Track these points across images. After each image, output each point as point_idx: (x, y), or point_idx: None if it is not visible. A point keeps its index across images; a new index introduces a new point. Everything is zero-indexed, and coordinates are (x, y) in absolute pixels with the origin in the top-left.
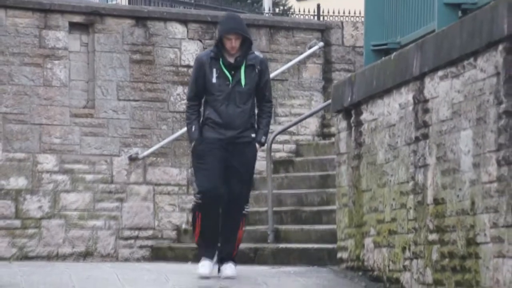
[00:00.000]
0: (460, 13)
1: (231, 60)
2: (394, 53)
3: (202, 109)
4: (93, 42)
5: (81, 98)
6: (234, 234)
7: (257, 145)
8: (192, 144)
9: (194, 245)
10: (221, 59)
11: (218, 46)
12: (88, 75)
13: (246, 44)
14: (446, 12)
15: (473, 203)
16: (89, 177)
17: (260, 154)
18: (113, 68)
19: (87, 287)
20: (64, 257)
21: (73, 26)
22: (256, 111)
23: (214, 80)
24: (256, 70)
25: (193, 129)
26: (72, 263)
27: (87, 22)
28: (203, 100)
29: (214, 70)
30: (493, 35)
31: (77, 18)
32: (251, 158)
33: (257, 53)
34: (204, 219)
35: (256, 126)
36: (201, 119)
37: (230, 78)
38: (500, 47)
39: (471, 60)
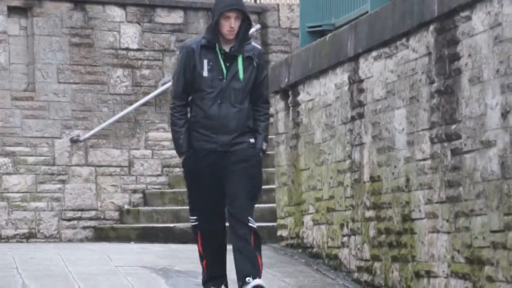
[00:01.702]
0: None
1: (226, 49)
2: (329, 35)
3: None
4: (32, 25)
5: (21, 82)
6: (248, 252)
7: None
8: (182, 158)
9: (136, 225)
10: (217, 46)
11: (212, 31)
12: (28, 58)
13: (243, 29)
14: None
15: (407, 180)
16: (31, 159)
17: None
18: (52, 52)
19: (30, 268)
20: (7, 239)
21: (11, 10)
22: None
23: (205, 73)
24: (254, 64)
25: (180, 140)
26: (16, 244)
27: (25, 6)
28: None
29: (206, 61)
30: (424, 16)
31: (15, 2)
32: (254, 164)
33: (254, 43)
34: (204, 244)
35: (253, 131)
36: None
37: (225, 71)
38: (431, 27)
39: (404, 40)
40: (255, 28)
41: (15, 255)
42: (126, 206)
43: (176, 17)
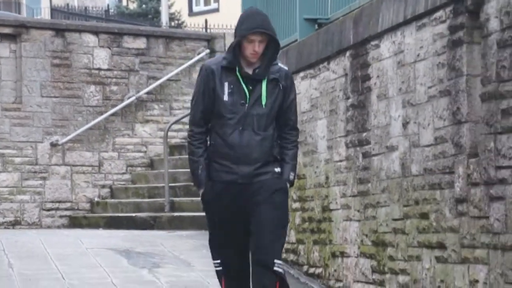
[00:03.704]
0: (316, 26)
1: (249, 71)
2: None
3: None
4: (20, 49)
5: (10, 95)
6: None
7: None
8: (201, 191)
9: (104, 214)
10: (237, 69)
11: (234, 51)
12: (16, 76)
13: (270, 51)
14: (306, 25)
15: (327, 178)
16: (17, 159)
17: (158, 140)
18: (37, 71)
19: (15, 250)
20: None
21: (3, 37)
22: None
23: (225, 97)
24: (280, 86)
25: (199, 170)
26: (3, 230)
27: (15, 33)
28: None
29: (226, 84)
30: (342, 44)
31: (6, 30)
32: (280, 196)
33: (280, 64)
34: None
35: (280, 159)
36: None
37: (248, 95)
38: (347, 53)
39: (325, 64)
40: (205, 53)
41: (2, 239)
42: (96, 199)
43: (140, 43)
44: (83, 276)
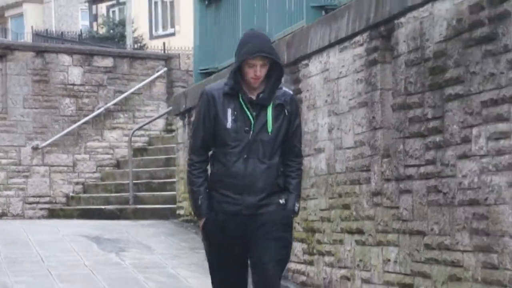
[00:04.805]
0: None
1: (252, 96)
2: (214, 75)
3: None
4: (6, 68)
5: None
6: None
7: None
8: (201, 222)
9: (78, 207)
10: (240, 95)
11: (235, 77)
12: (2, 91)
13: (275, 74)
14: None
15: None
16: (3, 161)
17: (124, 144)
18: (20, 86)
19: (1, 237)
20: None
21: None
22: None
23: (229, 124)
24: (286, 112)
25: (199, 201)
26: None
27: (1, 54)
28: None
29: (229, 110)
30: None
31: None
32: (284, 229)
33: (285, 88)
34: None
35: (284, 189)
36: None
37: (252, 122)
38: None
39: None
40: (163, 70)
41: None
42: (71, 194)
43: (108, 62)
44: (59, 259)
